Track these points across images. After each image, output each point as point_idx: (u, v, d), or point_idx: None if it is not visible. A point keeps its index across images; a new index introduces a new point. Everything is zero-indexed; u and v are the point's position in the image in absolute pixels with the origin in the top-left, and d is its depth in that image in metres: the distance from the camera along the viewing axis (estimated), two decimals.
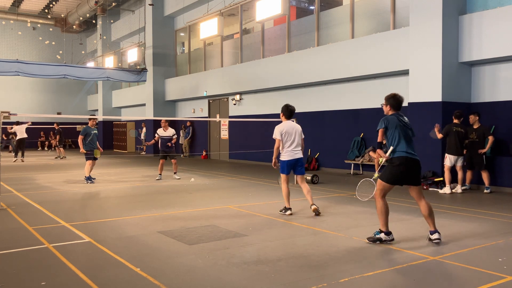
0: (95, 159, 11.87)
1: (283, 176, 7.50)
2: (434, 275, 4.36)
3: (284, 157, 7.45)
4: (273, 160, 7.56)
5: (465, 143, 10.15)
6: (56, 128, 21.78)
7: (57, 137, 22.02)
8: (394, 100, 5.73)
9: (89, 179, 11.70)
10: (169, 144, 12.76)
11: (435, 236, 5.49)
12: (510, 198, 9.21)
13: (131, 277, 4.29)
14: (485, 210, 7.80)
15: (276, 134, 7.40)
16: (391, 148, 5.56)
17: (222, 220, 6.91)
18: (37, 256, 5.01)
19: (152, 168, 16.28)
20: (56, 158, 21.16)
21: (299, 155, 7.56)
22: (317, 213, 7.32)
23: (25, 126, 19.97)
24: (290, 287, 4.03)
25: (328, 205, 8.42)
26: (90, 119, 12.08)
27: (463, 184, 10.37)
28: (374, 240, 5.51)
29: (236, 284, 4.10)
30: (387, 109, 5.84)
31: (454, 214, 7.48)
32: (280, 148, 7.42)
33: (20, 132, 19.60)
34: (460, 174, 10.11)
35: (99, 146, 12.16)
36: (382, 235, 5.50)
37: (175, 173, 12.99)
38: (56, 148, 21.85)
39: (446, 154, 10.16)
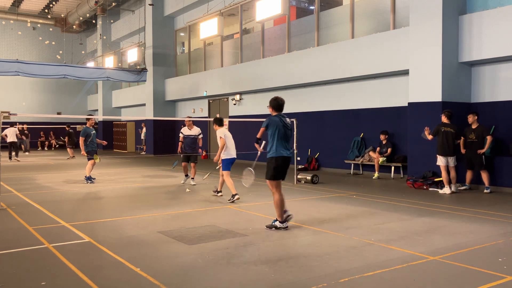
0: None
1: (226, 172, 9.01)
2: (434, 275, 4.36)
3: (227, 156, 9.02)
4: (219, 157, 9.04)
5: (456, 142, 10.08)
6: (67, 129, 21.91)
7: (66, 138, 22.15)
8: (275, 102, 6.49)
9: (89, 179, 11.70)
10: (200, 150, 11.75)
11: (286, 224, 6.38)
12: (510, 198, 9.21)
13: (131, 277, 4.29)
14: (485, 210, 7.79)
15: (221, 134, 9.07)
16: (263, 143, 6.76)
17: (222, 220, 6.92)
18: (37, 256, 5.01)
19: (152, 168, 16.28)
20: (68, 159, 21.16)
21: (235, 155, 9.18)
22: (215, 190, 9.56)
23: (15, 130, 20.04)
24: (290, 287, 4.03)
25: (328, 205, 8.41)
26: (88, 119, 12.07)
27: (462, 184, 10.37)
28: (270, 226, 6.35)
29: (236, 284, 4.10)
30: (270, 110, 6.58)
31: (454, 214, 7.48)
32: (224, 149, 8.96)
33: (10, 135, 19.73)
34: (452, 173, 10.00)
35: (100, 141, 12.30)
36: (277, 223, 6.35)
37: (192, 178, 11.52)
38: (68, 149, 22.01)
39: (437, 155, 10.14)
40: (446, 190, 9.85)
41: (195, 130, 11.63)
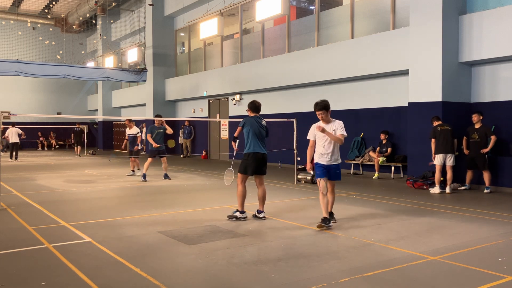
0: (153, 157, 12.44)
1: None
2: (434, 275, 4.36)
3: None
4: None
5: (455, 142, 10.11)
6: (87, 129, 22.15)
7: (72, 136, 22.50)
8: (252, 105, 7.24)
9: (144, 177, 12.18)
10: (137, 147, 13.48)
11: (262, 214, 6.94)
12: (510, 198, 9.21)
13: (131, 277, 4.29)
14: (485, 210, 7.80)
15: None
16: (237, 141, 7.19)
17: (222, 220, 6.91)
18: (37, 256, 5.01)
19: (152, 168, 16.26)
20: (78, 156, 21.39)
21: None
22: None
23: (17, 130, 20.04)
24: (290, 287, 4.03)
25: None
26: (155, 119, 12.74)
27: (462, 184, 10.37)
28: (232, 217, 6.83)
29: (236, 284, 4.10)
30: (249, 112, 7.28)
31: (454, 214, 7.48)
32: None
33: (12, 136, 19.75)
34: (449, 174, 9.90)
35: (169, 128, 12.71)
36: (238, 214, 6.85)
37: (132, 170, 13.69)
38: (75, 147, 22.36)
39: (436, 155, 10.11)
40: (436, 189, 9.92)
41: (134, 130, 13.71)
